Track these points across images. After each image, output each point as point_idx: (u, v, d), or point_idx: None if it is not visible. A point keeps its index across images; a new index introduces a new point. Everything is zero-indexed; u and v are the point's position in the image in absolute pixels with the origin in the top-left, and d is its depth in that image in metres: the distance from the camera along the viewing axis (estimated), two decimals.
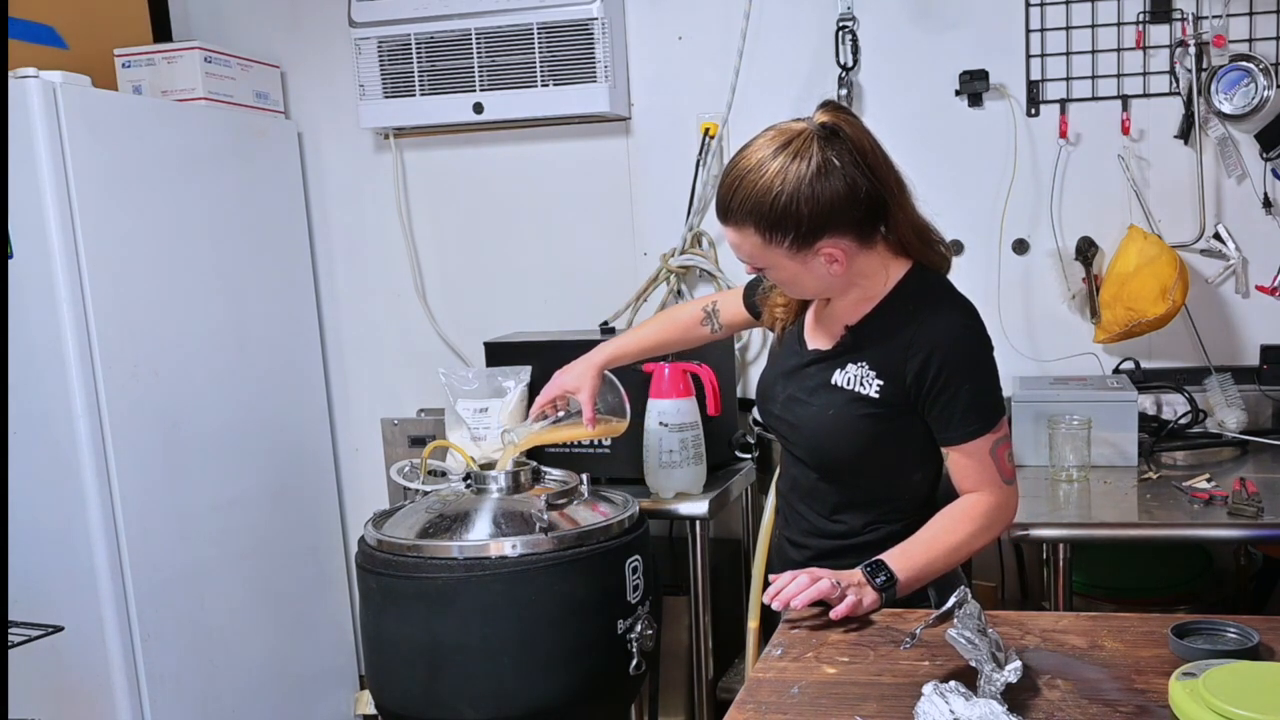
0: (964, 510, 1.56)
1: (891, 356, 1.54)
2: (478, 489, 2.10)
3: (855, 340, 1.57)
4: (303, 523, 2.98)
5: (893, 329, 1.54)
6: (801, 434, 1.63)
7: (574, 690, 2.01)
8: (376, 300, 3.11)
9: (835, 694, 1.25)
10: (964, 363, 1.53)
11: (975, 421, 1.52)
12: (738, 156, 1.48)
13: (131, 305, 2.41)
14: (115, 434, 2.34)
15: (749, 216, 1.46)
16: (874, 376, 1.55)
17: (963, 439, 1.53)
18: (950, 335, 1.53)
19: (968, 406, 1.52)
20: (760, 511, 2.21)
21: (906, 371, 1.52)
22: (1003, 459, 1.55)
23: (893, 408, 1.54)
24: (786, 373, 1.66)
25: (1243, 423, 2.43)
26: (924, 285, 1.58)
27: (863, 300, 1.58)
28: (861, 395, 1.55)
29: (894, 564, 1.49)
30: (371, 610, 2.06)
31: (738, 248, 1.52)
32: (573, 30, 2.69)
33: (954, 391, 1.51)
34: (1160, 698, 1.17)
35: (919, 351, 1.51)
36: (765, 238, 1.47)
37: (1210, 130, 2.50)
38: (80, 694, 2.36)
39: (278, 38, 3.03)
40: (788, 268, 1.51)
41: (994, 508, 1.55)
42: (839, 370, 1.58)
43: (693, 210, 2.79)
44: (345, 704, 3.13)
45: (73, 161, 2.25)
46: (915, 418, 1.56)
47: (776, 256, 1.49)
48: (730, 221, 1.49)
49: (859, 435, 1.56)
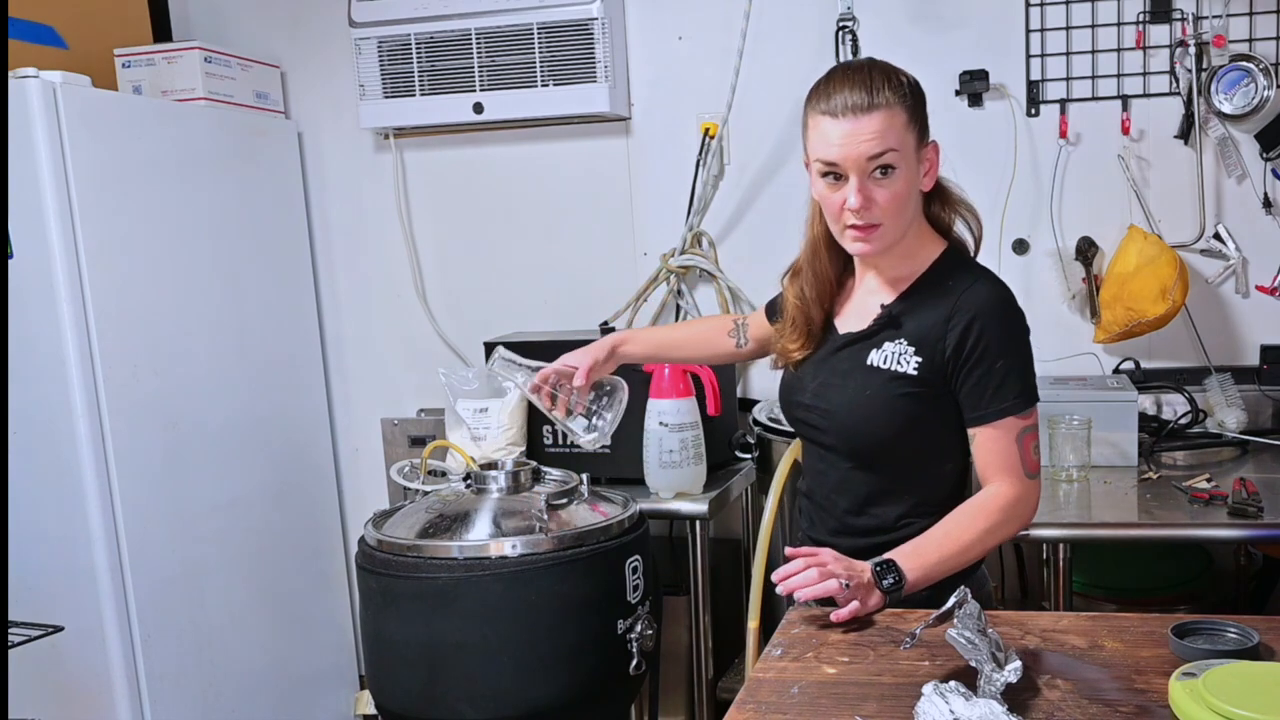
0: (980, 505, 1.53)
1: (931, 330, 1.53)
2: (478, 489, 2.11)
3: (892, 317, 1.57)
4: (303, 523, 2.98)
5: (932, 303, 1.54)
6: (836, 419, 1.59)
7: (574, 690, 2.01)
8: (376, 300, 3.11)
9: (835, 694, 1.25)
10: (1004, 336, 1.51)
11: (1008, 399, 1.50)
12: (843, 64, 1.54)
13: (131, 305, 2.41)
14: (115, 434, 2.34)
15: (896, 93, 1.47)
16: (912, 353, 1.53)
17: (993, 416, 1.51)
18: (992, 305, 1.52)
19: (1001, 382, 1.50)
20: (760, 511, 2.21)
21: (946, 343, 1.51)
22: (1028, 449, 1.53)
23: (930, 386, 1.53)
24: (817, 361, 1.64)
25: (1243, 423, 2.43)
26: (961, 263, 1.59)
27: (899, 279, 1.58)
28: (899, 374, 1.53)
29: (905, 563, 1.46)
30: (371, 610, 2.06)
31: (880, 135, 1.45)
32: (573, 30, 2.69)
33: (990, 364, 1.50)
34: (1160, 698, 1.17)
35: (959, 321, 1.50)
36: (909, 115, 1.48)
37: (1210, 130, 2.50)
38: (80, 694, 2.36)
39: (278, 38, 3.03)
40: (909, 161, 1.49)
41: (1013, 502, 1.52)
42: (875, 350, 1.56)
43: (693, 210, 2.79)
44: (345, 704, 3.13)
45: (73, 161, 2.25)
46: (949, 400, 1.54)
47: (909, 144, 1.49)
48: (879, 101, 1.46)
49: (895, 415, 1.54)
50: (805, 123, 1.53)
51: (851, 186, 1.47)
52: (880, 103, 1.46)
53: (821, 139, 1.49)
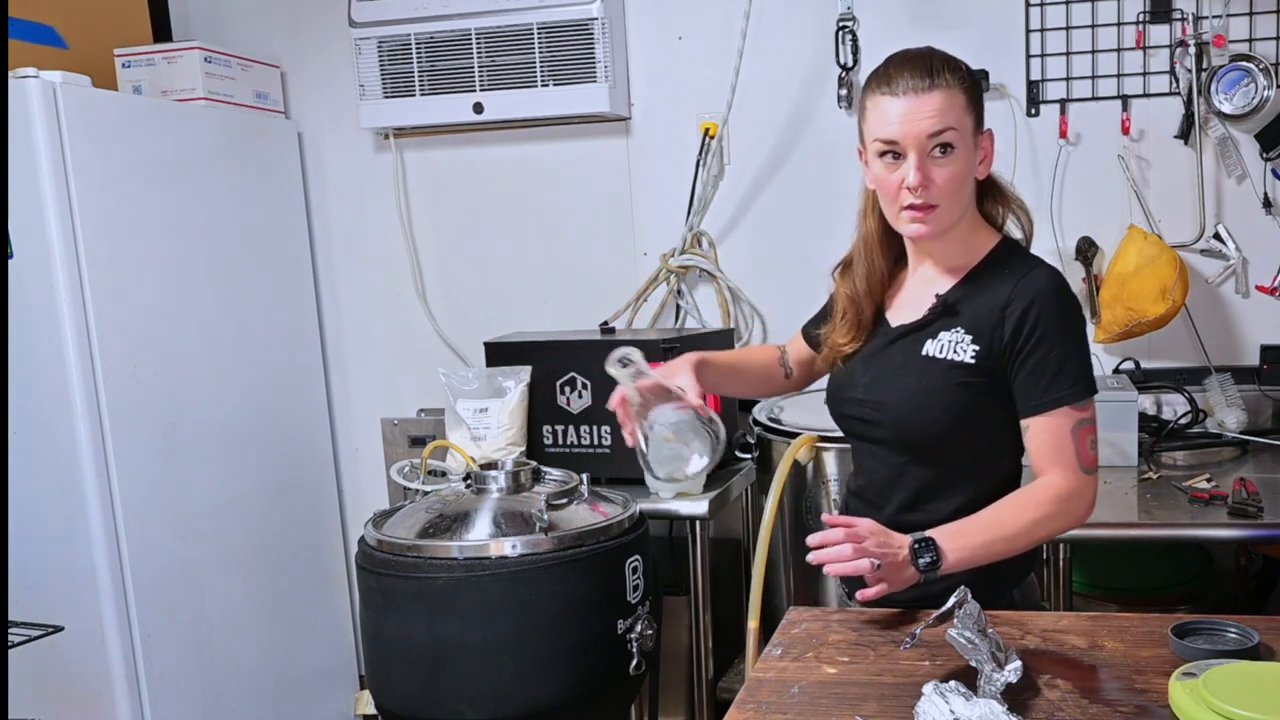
0: (1031, 494, 1.48)
1: (988, 317, 1.50)
2: (478, 489, 2.11)
3: (948, 305, 1.54)
4: (303, 523, 2.98)
5: (989, 290, 1.52)
6: (891, 412, 1.55)
7: (574, 690, 2.01)
8: (376, 300, 3.11)
9: (835, 694, 1.25)
10: (1061, 322, 1.49)
11: (1064, 387, 1.47)
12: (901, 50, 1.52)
13: (131, 305, 2.41)
14: (115, 434, 2.34)
15: (955, 74, 1.48)
16: (969, 341, 1.51)
17: (1048, 405, 1.47)
18: (1050, 291, 1.50)
19: (1058, 370, 1.47)
20: (760, 511, 2.21)
21: (1004, 329, 1.49)
22: (1084, 443, 1.48)
23: (987, 375, 1.50)
24: (868, 356, 1.61)
25: (1243, 423, 2.43)
26: (1016, 252, 1.58)
27: (955, 268, 1.57)
28: (956, 363, 1.51)
29: (945, 542, 1.41)
30: (371, 610, 2.06)
31: (940, 113, 1.46)
32: (573, 30, 2.69)
33: (1046, 350, 1.47)
34: (1160, 698, 1.17)
35: (1017, 307, 1.49)
36: (968, 98, 1.49)
37: (1210, 130, 2.50)
38: (80, 694, 2.36)
39: (278, 38, 3.03)
40: (967, 143, 1.49)
41: (1066, 495, 1.46)
42: (930, 340, 1.54)
43: (693, 210, 2.79)
44: (345, 704, 3.13)
45: (73, 161, 2.25)
46: (1006, 392, 1.51)
47: (967, 127, 1.49)
48: (939, 80, 1.46)
49: (952, 405, 1.51)
50: (863, 107, 1.53)
51: (910, 164, 1.46)
52: (940, 83, 1.46)
53: (881, 118, 1.48)
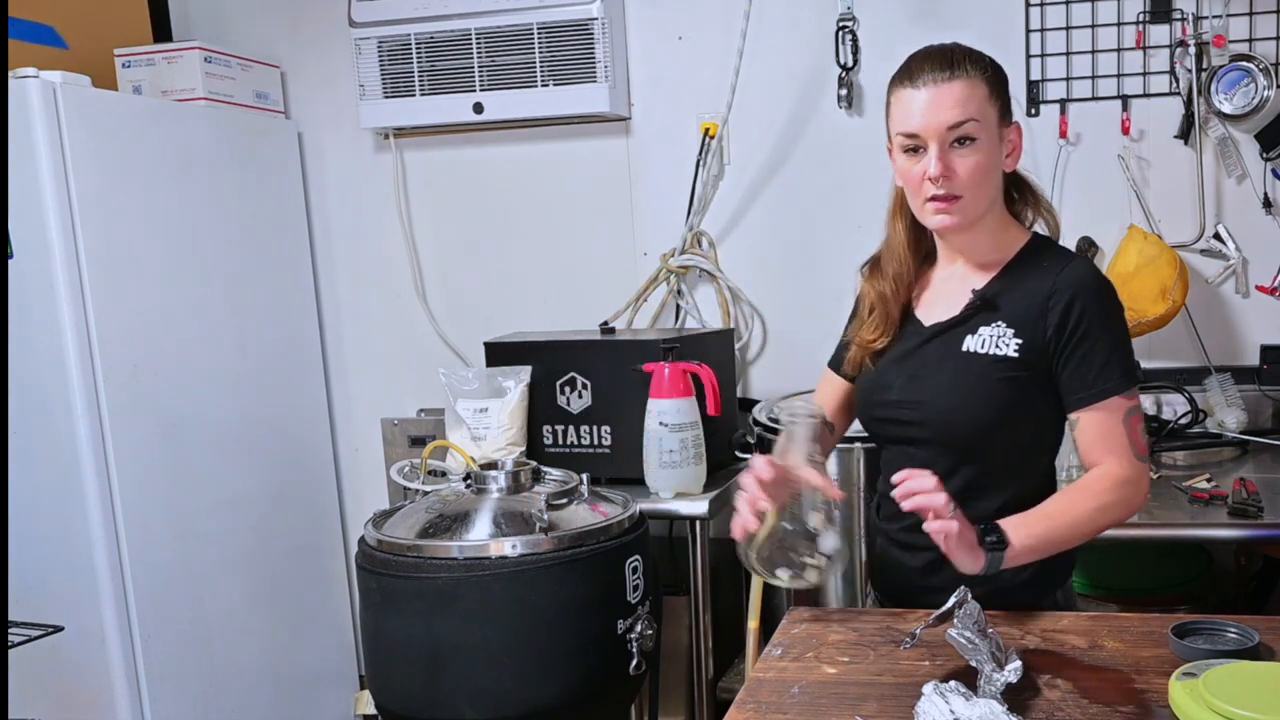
0: (1088, 483, 1.47)
1: (1030, 310, 1.49)
2: (478, 489, 2.11)
3: (986, 300, 1.53)
4: (303, 523, 2.98)
5: (1029, 283, 1.52)
6: (931, 410, 1.52)
7: (574, 690, 2.01)
8: (376, 300, 3.11)
9: (835, 694, 1.25)
10: (1106, 312, 1.49)
11: (1113, 377, 1.47)
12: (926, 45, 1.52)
13: (131, 305, 2.41)
14: (115, 434, 2.34)
15: (978, 66, 1.48)
16: (1011, 335, 1.50)
17: (1100, 396, 1.46)
18: (1093, 282, 1.50)
19: (1107, 360, 1.47)
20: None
21: (1048, 322, 1.48)
22: (1135, 430, 1.48)
23: (1030, 369, 1.49)
24: (901, 357, 1.59)
25: (1243, 423, 2.43)
26: (1050, 245, 1.58)
27: (987, 264, 1.56)
28: (1000, 357, 1.49)
29: (1010, 531, 1.38)
30: (371, 610, 2.06)
31: (960, 104, 1.45)
32: (573, 30, 2.69)
33: (1094, 341, 1.47)
34: (1160, 698, 1.17)
35: (1061, 297, 1.48)
36: (991, 89, 1.48)
37: (1210, 130, 2.50)
38: (80, 694, 2.36)
39: (278, 38, 3.03)
40: (990, 135, 1.48)
41: (1124, 482, 1.45)
42: (970, 336, 1.52)
43: (693, 210, 2.79)
44: (345, 704, 3.13)
45: (73, 161, 2.25)
46: (1048, 386, 1.50)
47: (990, 118, 1.48)
48: (960, 72, 1.46)
49: (995, 401, 1.49)
50: (888, 103, 1.53)
51: (931, 155, 1.46)
52: (961, 74, 1.46)
53: (903, 111, 1.49)
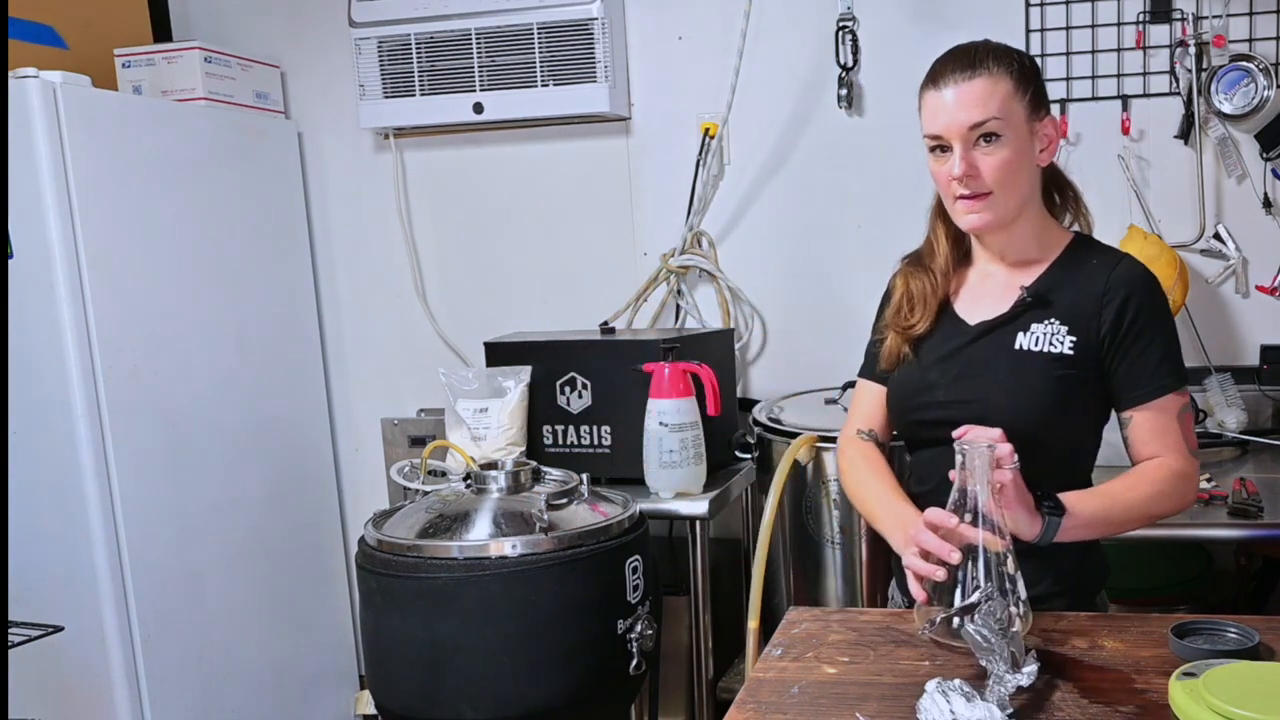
0: (1146, 470, 1.47)
1: (1084, 307, 1.49)
2: (478, 489, 2.11)
3: (1038, 296, 1.51)
4: (303, 523, 2.98)
5: (1079, 280, 1.51)
6: (983, 410, 1.47)
7: (574, 690, 2.01)
8: (376, 300, 3.11)
9: (835, 694, 1.25)
10: (1158, 311, 1.49)
11: (1169, 375, 1.47)
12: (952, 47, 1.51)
13: (131, 305, 2.41)
14: (115, 434, 2.34)
15: (1002, 62, 1.46)
16: (1065, 332, 1.49)
17: (1156, 393, 1.47)
18: (1145, 280, 1.49)
19: (1163, 357, 1.47)
20: (760, 511, 2.21)
21: (1102, 319, 1.47)
22: (1188, 427, 1.49)
23: (1082, 368, 1.48)
24: (945, 357, 1.56)
25: (1243, 423, 2.42)
26: (1095, 243, 1.58)
27: (1030, 262, 1.55)
28: (1054, 355, 1.48)
29: (1068, 503, 1.37)
30: (371, 610, 2.06)
31: (981, 103, 1.44)
32: (573, 30, 2.69)
33: (1150, 339, 1.47)
34: (1160, 698, 1.17)
35: (1116, 295, 1.47)
36: (1016, 85, 1.46)
37: (1210, 130, 2.50)
38: (80, 694, 2.36)
39: (278, 38, 3.03)
40: (1019, 131, 1.47)
41: (1179, 474, 1.46)
42: (1022, 333, 1.50)
43: (693, 210, 2.79)
44: (345, 704, 3.13)
45: (72, 161, 2.25)
46: (1097, 386, 1.50)
47: (1016, 114, 1.46)
48: (981, 70, 1.45)
49: (1049, 398, 1.47)
50: (919, 106, 1.53)
51: (955, 155, 1.46)
52: (983, 71, 1.46)
53: (930, 114, 1.49)
